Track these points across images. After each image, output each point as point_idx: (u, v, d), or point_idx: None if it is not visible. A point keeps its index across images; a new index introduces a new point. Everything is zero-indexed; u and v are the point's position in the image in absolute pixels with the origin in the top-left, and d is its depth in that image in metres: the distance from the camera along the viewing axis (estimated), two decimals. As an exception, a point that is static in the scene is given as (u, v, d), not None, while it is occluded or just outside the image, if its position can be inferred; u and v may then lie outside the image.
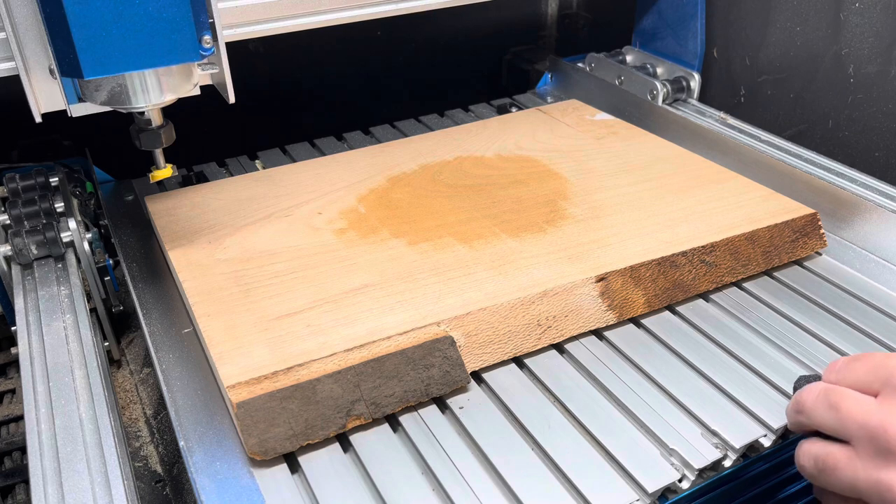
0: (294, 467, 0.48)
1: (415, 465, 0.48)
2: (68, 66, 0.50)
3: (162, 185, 0.78)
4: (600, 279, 0.59)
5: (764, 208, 0.67)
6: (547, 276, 0.59)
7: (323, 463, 0.48)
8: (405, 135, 0.89)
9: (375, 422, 0.51)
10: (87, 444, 0.47)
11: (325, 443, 0.49)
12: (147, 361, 0.68)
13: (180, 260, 0.62)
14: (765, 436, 0.49)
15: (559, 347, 0.58)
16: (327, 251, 0.63)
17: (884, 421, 0.39)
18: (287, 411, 0.48)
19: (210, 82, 0.61)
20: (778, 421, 0.50)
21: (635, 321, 0.60)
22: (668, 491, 0.47)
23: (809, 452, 0.43)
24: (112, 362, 0.69)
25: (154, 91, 0.54)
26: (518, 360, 0.56)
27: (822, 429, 0.43)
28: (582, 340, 0.58)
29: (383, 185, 0.74)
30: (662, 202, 0.69)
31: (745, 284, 0.64)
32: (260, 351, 0.52)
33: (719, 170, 0.75)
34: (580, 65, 1.01)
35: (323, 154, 0.85)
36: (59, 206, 0.68)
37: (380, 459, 0.48)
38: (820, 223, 0.67)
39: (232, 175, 0.81)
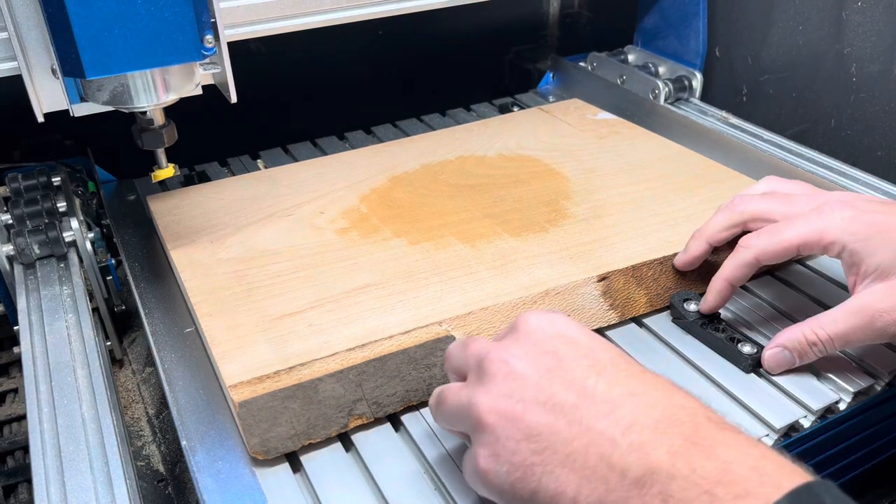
0: (296, 466, 0.48)
1: (417, 465, 0.48)
2: (70, 66, 0.50)
3: (164, 185, 0.78)
4: (602, 278, 0.59)
5: (766, 207, 0.67)
6: (549, 275, 0.59)
7: (325, 462, 0.48)
8: (407, 134, 0.89)
9: (377, 421, 0.51)
10: (90, 443, 0.47)
11: (326, 442, 0.49)
12: (149, 361, 0.69)
13: (182, 259, 0.63)
14: (767, 435, 0.49)
15: (561, 347, 0.58)
16: (329, 251, 0.63)
17: (489, 352, 0.41)
18: (289, 410, 0.48)
19: (212, 82, 0.61)
20: (781, 421, 0.49)
21: (637, 321, 0.60)
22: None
23: (434, 393, 0.45)
24: (114, 362, 0.69)
25: (156, 91, 0.54)
26: (520, 360, 0.56)
27: (455, 369, 0.45)
28: (584, 340, 0.58)
29: (385, 184, 0.74)
30: (664, 201, 0.69)
31: (748, 284, 0.64)
32: (262, 350, 0.52)
33: (721, 169, 0.75)
34: (582, 64, 1.01)
35: (324, 153, 0.85)
36: (62, 205, 0.68)
37: (382, 459, 0.48)
38: (822, 222, 0.67)
39: (234, 174, 0.81)
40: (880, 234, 0.49)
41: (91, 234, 0.67)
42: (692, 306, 0.58)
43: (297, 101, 1.00)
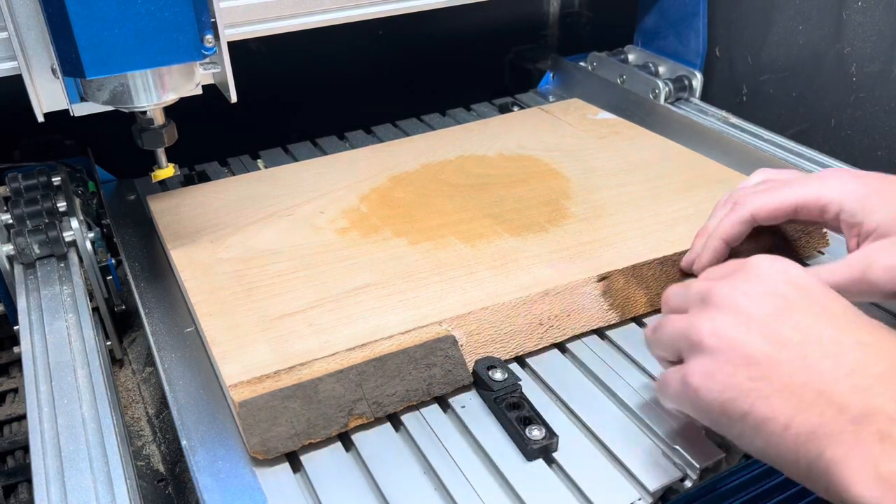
0: (296, 466, 0.48)
1: (417, 465, 0.48)
2: (70, 65, 0.50)
3: (164, 185, 0.78)
4: (602, 278, 0.59)
5: (766, 207, 0.67)
6: (549, 275, 0.59)
7: (325, 462, 0.48)
8: (407, 134, 0.89)
9: (377, 421, 0.51)
10: (90, 443, 0.47)
11: (326, 442, 0.49)
12: (149, 361, 0.69)
13: (182, 259, 0.63)
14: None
15: (561, 347, 0.58)
16: (329, 250, 0.63)
17: (716, 285, 0.43)
18: (289, 410, 0.48)
19: (212, 81, 0.61)
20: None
21: (637, 320, 0.60)
22: (669, 490, 0.47)
23: (651, 325, 0.48)
24: (114, 361, 0.69)
25: (156, 90, 0.54)
26: (520, 360, 0.56)
27: (674, 305, 0.47)
28: (584, 339, 0.58)
29: (385, 184, 0.74)
30: (664, 201, 0.69)
31: (748, 283, 0.64)
32: (262, 350, 0.52)
33: (721, 169, 0.75)
34: (582, 64, 1.01)
35: (325, 153, 0.85)
36: (62, 205, 0.68)
37: (382, 458, 0.48)
38: (822, 222, 0.67)
39: (234, 174, 0.81)
40: (878, 193, 0.49)
41: (91, 234, 0.67)
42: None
43: (297, 101, 1.00)
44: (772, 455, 0.38)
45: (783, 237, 0.65)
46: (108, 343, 0.67)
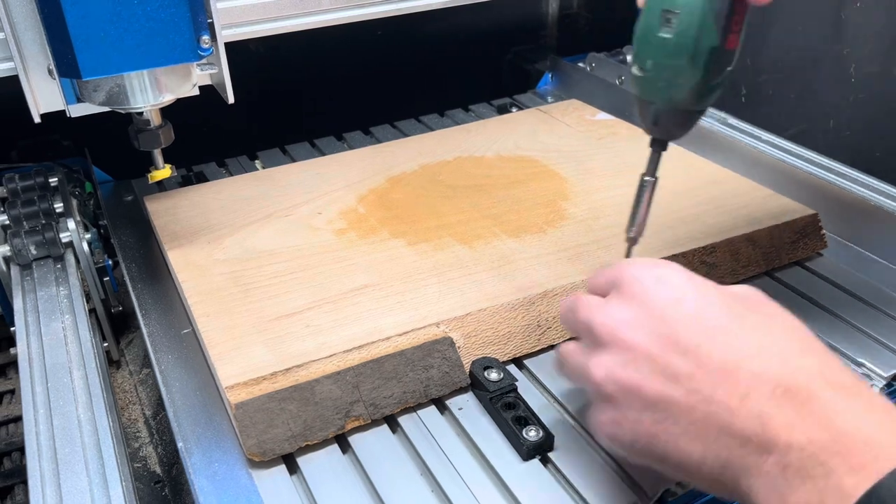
0: (293, 468, 0.48)
1: (414, 467, 0.48)
2: (66, 66, 0.50)
3: (161, 185, 0.78)
4: (600, 280, 0.59)
5: (764, 209, 0.67)
6: (547, 276, 0.59)
7: (322, 464, 0.48)
8: (405, 135, 0.89)
9: (374, 423, 0.50)
10: (86, 445, 0.47)
11: (323, 444, 0.49)
12: (146, 362, 0.68)
13: (179, 260, 0.62)
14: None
15: (559, 348, 0.58)
16: (327, 251, 0.63)
17: (595, 317, 0.42)
18: (286, 412, 0.48)
19: (209, 82, 0.61)
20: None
21: (635, 322, 0.60)
22: (667, 493, 0.47)
23: (557, 350, 0.47)
24: (111, 363, 0.68)
25: (152, 91, 0.54)
26: (518, 361, 0.56)
27: (568, 329, 0.47)
28: (582, 341, 0.58)
29: (383, 185, 0.74)
30: (662, 203, 0.69)
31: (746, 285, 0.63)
32: (259, 351, 0.52)
33: (719, 170, 0.75)
34: (581, 64, 1.01)
35: (323, 154, 0.85)
36: (59, 206, 0.68)
37: (379, 460, 0.48)
38: (820, 224, 0.67)
39: (232, 175, 0.81)
40: None
41: (88, 235, 0.67)
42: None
43: (296, 102, 0.99)
44: (697, 484, 0.39)
45: (779, 242, 0.65)
46: (105, 344, 0.67)
